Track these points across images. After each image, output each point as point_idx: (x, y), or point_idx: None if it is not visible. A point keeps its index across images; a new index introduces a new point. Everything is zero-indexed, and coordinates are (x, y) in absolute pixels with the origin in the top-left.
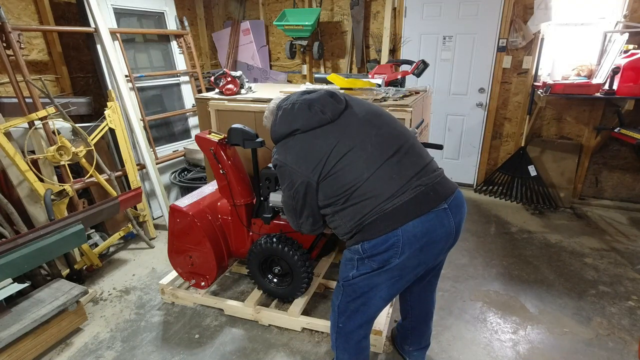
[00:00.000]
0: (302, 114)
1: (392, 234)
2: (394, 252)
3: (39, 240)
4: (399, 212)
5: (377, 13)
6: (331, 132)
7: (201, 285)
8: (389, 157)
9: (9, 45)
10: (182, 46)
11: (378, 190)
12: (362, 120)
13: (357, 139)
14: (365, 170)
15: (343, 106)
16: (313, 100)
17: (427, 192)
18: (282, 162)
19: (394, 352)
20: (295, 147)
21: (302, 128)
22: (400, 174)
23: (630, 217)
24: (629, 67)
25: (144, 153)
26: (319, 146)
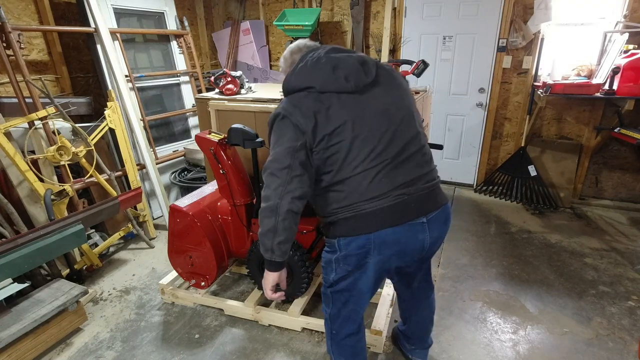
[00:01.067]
0: (323, 73)
1: (364, 237)
2: (367, 254)
3: (39, 240)
4: (374, 217)
5: (377, 13)
6: (346, 106)
7: (201, 285)
8: (388, 159)
9: (9, 45)
10: (182, 46)
11: (362, 188)
12: (381, 108)
13: (366, 129)
14: (359, 165)
15: (370, 79)
16: (340, 62)
17: (408, 203)
18: (288, 112)
19: (394, 352)
20: (306, 103)
21: (319, 88)
22: (390, 179)
23: (630, 217)
24: (629, 67)
25: (144, 153)
26: (329, 115)
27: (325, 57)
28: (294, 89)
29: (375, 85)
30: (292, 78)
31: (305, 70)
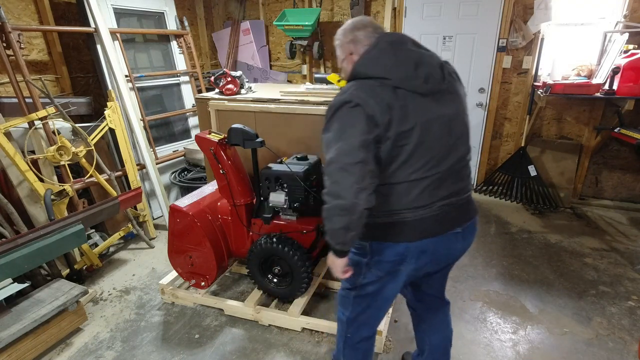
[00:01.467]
0: (405, 68)
1: (404, 245)
2: (402, 262)
3: (39, 240)
4: (417, 226)
5: (377, 13)
6: (418, 108)
7: (201, 285)
8: (440, 172)
9: (9, 45)
10: (182, 46)
11: (411, 197)
12: (446, 118)
13: (430, 137)
14: (414, 173)
15: (444, 86)
16: (424, 60)
17: (449, 212)
18: (361, 100)
19: (394, 352)
20: (381, 94)
21: (395, 82)
22: (437, 191)
23: (630, 217)
24: (629, 67)
25: (144, 153)
26: (403, 114)
27: (405, 50)
28: (365, 75)
29: (445, 93)
30: (366, 62)
31: (385, 57)
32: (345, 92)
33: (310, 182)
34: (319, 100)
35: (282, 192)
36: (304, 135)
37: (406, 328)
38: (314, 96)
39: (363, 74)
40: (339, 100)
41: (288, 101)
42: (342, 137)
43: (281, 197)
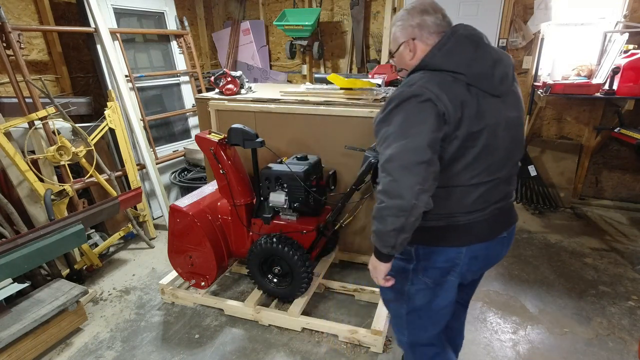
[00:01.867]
0: (483, 65)
1: (456, 251)
2: (453, 268)
3: (39, 240)
4: (470, 230)
5: (377, 13)
6: (488, 109)
7: (201, 285)
8: (498, 178)
9: (9, 45)
10: (182, 46)
11: (467, 201)
12: (510, 122)
13: (495, 140)
14: (476, 177)
15: (512, 88)
16: (501, 59)
17: (498, 216)
18: (433, 95)
19: (394, 352)
20: (454, 89)
21: (469, 79)
22: (492, 196)
23: (630, 217)
24: (629, 67)
25: (144, 153)
26: (476, 113)
27: (485, 46)
28: (437, 67)
29: (510, 95)
30: (441, 54)
31: (463, 51)
32: (413, 83)
33: (310, 182)
34: (319, 100)
35: (282, 192)
36: (304, 135)
37: None
38: (314, 96)
39: (434, 66)
40: (406, 92)
41: (288, 101)
42: (407, 133)
43: (281, 197)
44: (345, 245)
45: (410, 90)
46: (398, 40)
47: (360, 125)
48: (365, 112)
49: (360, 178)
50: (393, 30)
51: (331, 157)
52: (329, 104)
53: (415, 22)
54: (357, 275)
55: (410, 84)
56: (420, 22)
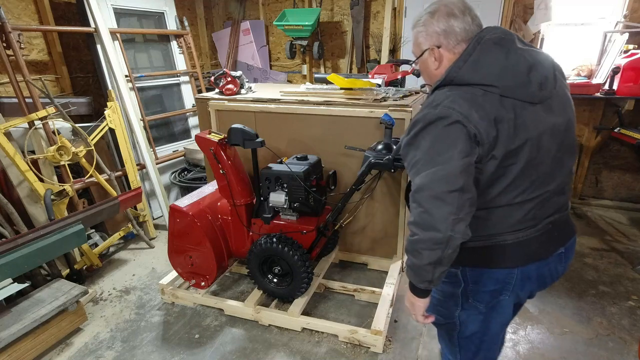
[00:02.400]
0: (516, 73)
1: (505, 272)
2: (503, 291)
3: (39, 240)
4: (520, 249)
5: (377, 13)
6: (528, 120)
7: (201, 285)
8: (548, 191)
9: (9, 45)
10: (182, 46)
11: (513, 220)
12: (555, 128)
13: (538, 151)
14: (520, 195)
15: (555, 92)
16: (538, 64)
17: (552, 231)
18: (462, 115)
19: (394, 352)
20: (485, 105)
21: (502, 92)
22: (542, 212)
23: (630, 217)
24: (629, 67)
25: (144, 153)
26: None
27: (518, 50)
28: (463, 81)
29: (554, 98)
30: (468, 66)
31: (491, 60)
32: (438, 104)
33: (310, 182)
34: (319, 100)
35: (282, 192)
36: (304, 135)
37: (406, 328)
38: (314, 96)
39: (461, 81)
40: (431, 115)
41: (288, 101)
42: (436, 160)
43: (281, 197)
44: (345, 245)
45: (436, 113)
46: (421, 46)
47: (360, 125)
48: (365, 112)
49: (360, 178)
50: (415, 33)
51: (331, 157)
52: (329, 104)
53: (440, 28)
54: (357, 275)
55: (435, 104)
56: (446, 29)
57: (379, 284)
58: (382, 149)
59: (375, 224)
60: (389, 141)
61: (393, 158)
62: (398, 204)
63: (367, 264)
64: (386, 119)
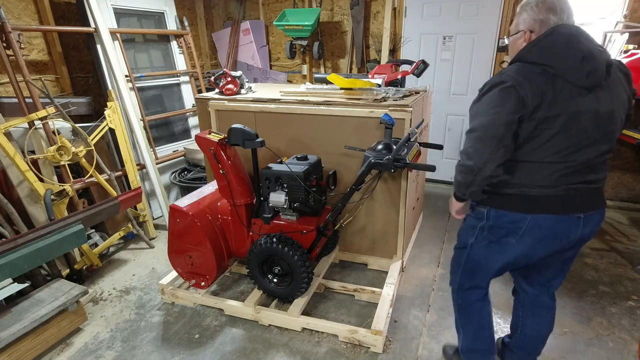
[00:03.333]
0: (571, 61)
1: (521, 216)
2: (515, 233)
3: (39, 240)
4: (538, 201)
5: (377, 13)
6: (571, 99)
7: (201, 285)
8: (575, 164)
9: (9, 45)
10: (182, 46)
11: (539, 177)
12: (596, 114)
13: (574, 127)
14: (548, 157)
15: (605, 83)
16: (592, 56)
17: (574, 196)
18: (517, 83)
19: (394, 352)
20: (538, 80)
21: (557, 72)
22: (567, 178)
23: (630, 217)
24: (629, 67)
25: (144, 153)
26: (554, 101)
27: (578, 43)
28: (530, 60)
29: (603, 89)
30: (536, 49)
31: (554, 48)
32: (504, 73)
33: (310, 182)
34: (319, 100)
35: (282, 192)
36: (304, 135)
37: (406, 328)
38: (314, 96)
39: (527, 59)
40: (496, 80)
41: (288, 101)
42: (489, 112)
43: (281, 197)
44: (345, 245)
45: (499, 79)
46: (518, 27)
47: (360, 125)
48: (365, 112)
49: (360, 178)
50: (519, 15)
51: (331, 157)
52: (329, 104)
53: (539, 18)
54: (357, 275)
55: (501, 73)
56: (543, 19)
57: (379, 284)
58: (382, 149)
59: (375, 224)
60: (389, 141)
61: (393, 158)
62: (398, 204)
63: (367, 264)
64: (386, 119)
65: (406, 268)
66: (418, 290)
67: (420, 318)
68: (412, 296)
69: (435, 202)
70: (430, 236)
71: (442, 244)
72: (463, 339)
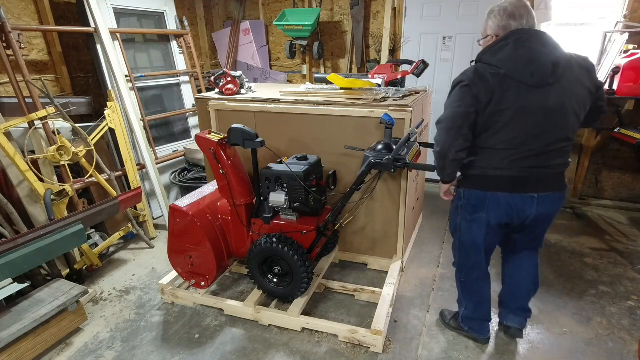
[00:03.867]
0: (517, 64)
1: (483, 194)
2: (482, 208)
3: (39, 240)
4: (495, 181)
5: (377, 13)
6: (519, 95)
7: (201, 285)
8: (525, 151)
9: (9, 45)
10: (182, 46)
11: (495, 161)
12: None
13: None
14: (501, 143)
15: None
16: (537, 58)
17: (527, 179)
18: (472, 82)
19: (394, 352)
20: (490, 79)
21: (506, 72)
22: (522, 162)
23: (630, 217)
24: (629, 67)
25: (144, 153)
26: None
27: (527, 48)
28: (485, 61)
29: (553, 85)
30: (491, 52)
31: (505, 52)
32: (465, 72)
33: (310, 182)
34: (319, 100)
35: (282, 192)
36: (304, 135)
37: (406, 328)
38: (314, 96)
39: (484, 60)
40: (458, 79)
41: (288, 101)
42: (453, 106)
43: (281, 197)
44: (345, 245)
45: (461, 78)
46: (487, 32)
47: (360, 125)
48: (365, 112)
49: (360, 178)
50: (486, 21)
51: (331, 157)
52: (329, 104)
53: (502, 24)
54: (357, 275)
55: (464, 73)
56: (506, 25)
57: (379, 284)
58: (382, 149)
59: (375, 224)
60: (389, 141)
61: (393, 158)
62: (398, 204)
63: (367, 264)
64: (386, 119)
65: (406, 268)
66: (418, 290)
67: (420, 318)
68: (412, 296)
69: (435, 202)
70: (430, 236)
71: (442, 244)
72: (464, 310)
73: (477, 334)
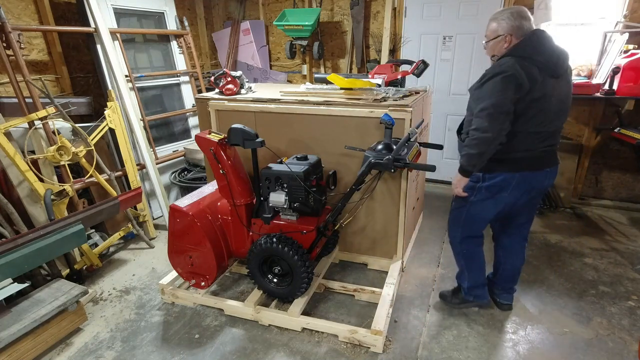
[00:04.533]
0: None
1: (510, 175)
2: (507, 188)
3: (39, 240)
4: (523, 162)
5: (377, 13)
6: (548, 85)
7: (201, 285)
8: (549, 131)
9: (9, 45)
10: (182, 46)
11: (526, 142)
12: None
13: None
14: (533, 127)
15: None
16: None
17: (544, 157)
18: (516, 72)
19: (394, 352)
20: (530, 70)
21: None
22: (542, 142)
23: (630, 217)
24: (629, 67)
25: (144, 153)
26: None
27: (551, 44)
28: (521, 54)
29: (563, 75)
30: (529, 45)
31: (539, 45)
32: (502, 64)
33: (310, 182)
34: (319, 100)
35: (282, 192)
36: (304, 135)
37: (406, 328)
38: (314, 96)
39: (519, 54)
40: (497, 70)
41: (288, 101)
42: (496, 93)
43: (281, 197)
44: (345, 245)
45: (500, 69)
46: (497, 32)
47: (360, 125)
48: (365, 112)
49: (360, 178)
50: (495, 23)
51: (331, 157)
52: (329, 104)
53: (516, 24)
54: (357, 275)
55: (501, 64)
56: (519, 25)
57: (379, 284)
58: (382, 149)
59: (375, 224)
60: (389, 141)
61: (393, 158)
62: (398, 203)
63: (367, 264)
64: (386, 119)
65: (406, 268)
66: (418, 290)
67: (420, 318)
68: (412, 296)
69: (435, 202)
70: (430, 236)
71: (442, 244)
72: (468, 280)
73: (481, 300)
